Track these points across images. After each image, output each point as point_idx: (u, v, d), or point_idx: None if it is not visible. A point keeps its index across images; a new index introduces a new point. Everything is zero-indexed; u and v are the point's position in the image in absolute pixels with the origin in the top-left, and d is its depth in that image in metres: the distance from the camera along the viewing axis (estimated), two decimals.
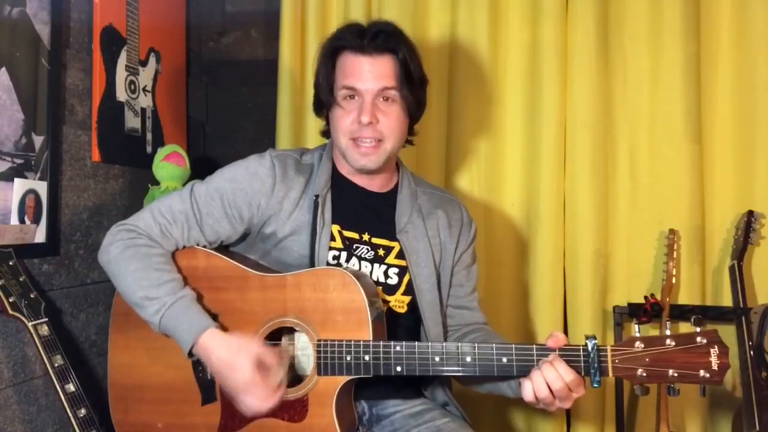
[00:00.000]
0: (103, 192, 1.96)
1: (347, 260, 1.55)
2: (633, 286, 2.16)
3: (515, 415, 2.22)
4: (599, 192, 2.14)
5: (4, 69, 1.57)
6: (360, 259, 1.55)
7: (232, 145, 2.48)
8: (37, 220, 1.68)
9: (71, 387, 1.55)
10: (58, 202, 1.76)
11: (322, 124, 1.67)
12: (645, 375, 1.30)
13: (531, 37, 2.17)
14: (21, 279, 1.56)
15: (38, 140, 1.68)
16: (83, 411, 1.55)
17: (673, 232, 2.08)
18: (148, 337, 1.46)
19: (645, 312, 2.03)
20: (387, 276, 1.57)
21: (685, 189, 2.11)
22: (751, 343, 1.93)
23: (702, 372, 1.28)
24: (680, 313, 2.02)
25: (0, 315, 1.54)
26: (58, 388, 1.53)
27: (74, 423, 1.53)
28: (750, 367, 1.91)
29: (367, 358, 1.38)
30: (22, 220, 1.63)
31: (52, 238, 1.73)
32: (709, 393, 2.11)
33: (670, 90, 2.12)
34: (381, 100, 1.50)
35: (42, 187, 1.69)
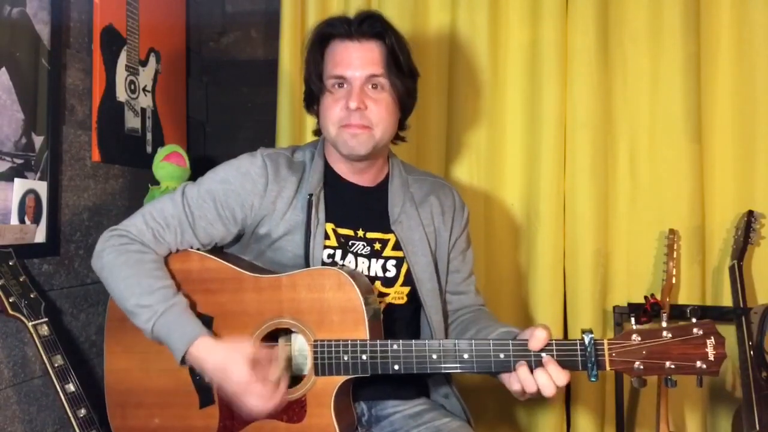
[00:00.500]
0: (103, 192, 1.96)
1: (343, 258, 1.54)
2: (633, 286, 2.16)
3: (516, 408, 2.22)
4: (599, 192, 2.14)
5: (4, 69, 1.57)
6: (356, 255, 1.55)
7: (232, 145, 2.47)
8: (37, 220, 1.68)
9: (71, 387, 1.55)
10: (58, 202, 1.76)
11: None
12: (642, 368, 1.30)
13: (531, 37, 2.17)
14: (21, 279, 1.56)
15: (38, 140, 1.68)
16: (83, 411, 1.55)
17: (673, 232, 2.08)
18: (143, 342, 1.45)
19: (645, 312, 2.03)
20: (385, 269, 1.56)
21: (685, 189, 2.11)
22: (751, 343, 1.93)
23: (699, 363, 1.28)
24: (680, 313, 2.01)
25: (0, 315, 1.55)
26: (58, 388, 1.53)
27: (74, 423, 1.53)
28: (750, 367, 1.91)
29: (365, 357, 1.38)
30: (22, 220, 1.63)
31: (52, 238, 1.73)
32: (710, 393, 2.11)
33: (670, 90, 2.12)
34: (370, 87, 1.49)
35: (42, 187, 1.69)
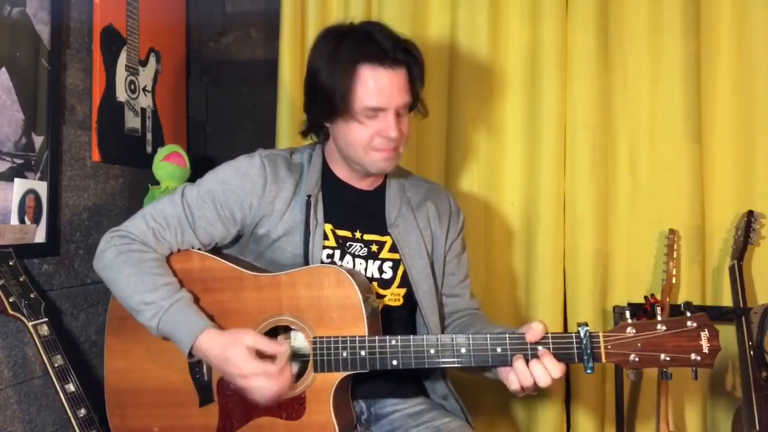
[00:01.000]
0: (103, 192, 1.96)
1: (341, 258, 1.55)
2: (633, 286, 2.16)
3: (515, 406, 2.23)
4: (599, 192, 2.14)
5: (4, 69, 1.57)
6: (354, 256, 1.56)
7: (232, 145, 2.47)
8: (37, 220, 1.68)
9: (71, 387, 1.55)
10: (58, 202, 1.76)
11: None
12: (637, 360, 1.31)
13: (531, 37, 2.17)
14: (21, 279, 1.56)
15: (38, 140, 1.68)
16: (83, 411, 1.55)
17: (673, 232, 2.08)
18: (143, 342, 1.47)
19: (645, 312, 2.02)
20: (381, 271, 1.58)
21: (685, 189, 2.11)
22: (751, 343, 1.93)
23: (693, 355, 1.30)
24: (680, 314, 2.01)
25: (0, 315, 1.55)
26: (58, 388, 1.53)
27: (74, 423, 1.53)
28: (750, 367, 1.91)
29: (363, 353, 1.39)
30: (22, 220, 1.63)
31: (52, 238, 1.73)
32: (709, 393, 2.12)
33: (670, 90, 2.12)
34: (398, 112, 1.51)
35: (42, 187, 1.69)
